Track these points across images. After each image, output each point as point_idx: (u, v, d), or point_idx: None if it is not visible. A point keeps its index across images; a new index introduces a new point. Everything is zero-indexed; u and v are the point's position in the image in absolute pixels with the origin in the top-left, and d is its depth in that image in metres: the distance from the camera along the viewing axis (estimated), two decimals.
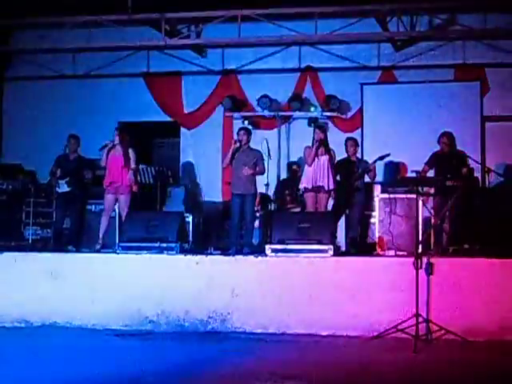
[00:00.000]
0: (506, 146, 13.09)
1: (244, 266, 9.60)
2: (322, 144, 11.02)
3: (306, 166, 11.16)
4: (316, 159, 11.00)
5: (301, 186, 11.23)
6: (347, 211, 11.48)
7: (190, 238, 11.50)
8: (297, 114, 13.98)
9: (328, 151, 11.06)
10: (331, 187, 11.00)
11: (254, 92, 14.04)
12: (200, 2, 12.72)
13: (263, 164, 11.34)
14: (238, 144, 11.05)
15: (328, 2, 12.38)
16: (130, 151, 11.27)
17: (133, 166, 11.25)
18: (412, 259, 8.55)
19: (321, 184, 10.95)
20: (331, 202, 11.33)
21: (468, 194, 10.38)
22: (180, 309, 9.50)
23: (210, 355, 8.01)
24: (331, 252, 9.50)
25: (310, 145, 11.12)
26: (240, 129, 11.58)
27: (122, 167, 11.17)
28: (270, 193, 12.71)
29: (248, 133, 11.31)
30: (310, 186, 11.01)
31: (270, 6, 12.59)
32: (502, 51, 13.28)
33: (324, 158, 11.02)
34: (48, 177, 12.02)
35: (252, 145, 11.37)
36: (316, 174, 10.97)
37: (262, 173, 11.39)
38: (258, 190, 11.55)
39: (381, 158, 11.49)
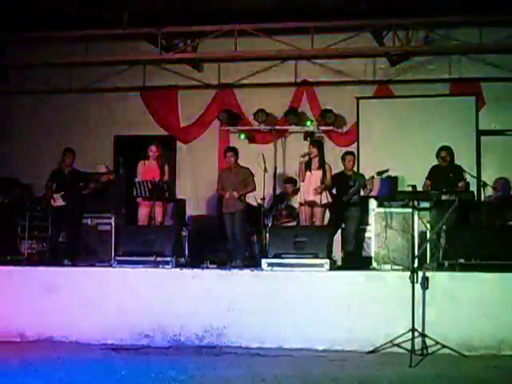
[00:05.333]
0: (501, 159, 13.15)
1: (240, 280, 9.58)
2: (315, 159, 11.00)
3: (301, 181, 11.16)
4: (310, 174, 10.99)
5: (299, 200, 11.21)
6: (343, 225, 11.47)
7: (186, 252, 11.48)
8: (293, 128, 14.00)
9: (322, 166, 11.04)
10: (325, 201, 10.95)
11: (250, 106, 14.06)
12: (196, 17, 12.75)
13: (253, 180, 11.39)
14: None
15: (324, 16, 12.41)
16: (166, 166, 11.59)
17: (166, 179, 11.49)
18: (408, 273, 8.55)
19: (314, 198, 10.94)
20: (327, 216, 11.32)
21: (464, 208, 10.38)
22: (176, 323, 9.48)
23: (205, 370, 7.97)
24: (327, 266, 9.48)
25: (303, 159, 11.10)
26: (227, 150, 11.65)
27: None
28: (266, 207, 12.69)
29: (235, 154, 11.39)
30: (303, 201, 11.00)
31: (267, 20, 12.64)
32: (497, 66, 13.33)
33: (317, 173, 11.00)
34: (44, 190, 12.00)
35: (248, 159, 11.38)
36: (309, 189, 10.96)
37: (253, 190, 11.44)
38: (255, 204, 11.57)
39: (379, 173, 11.47)
